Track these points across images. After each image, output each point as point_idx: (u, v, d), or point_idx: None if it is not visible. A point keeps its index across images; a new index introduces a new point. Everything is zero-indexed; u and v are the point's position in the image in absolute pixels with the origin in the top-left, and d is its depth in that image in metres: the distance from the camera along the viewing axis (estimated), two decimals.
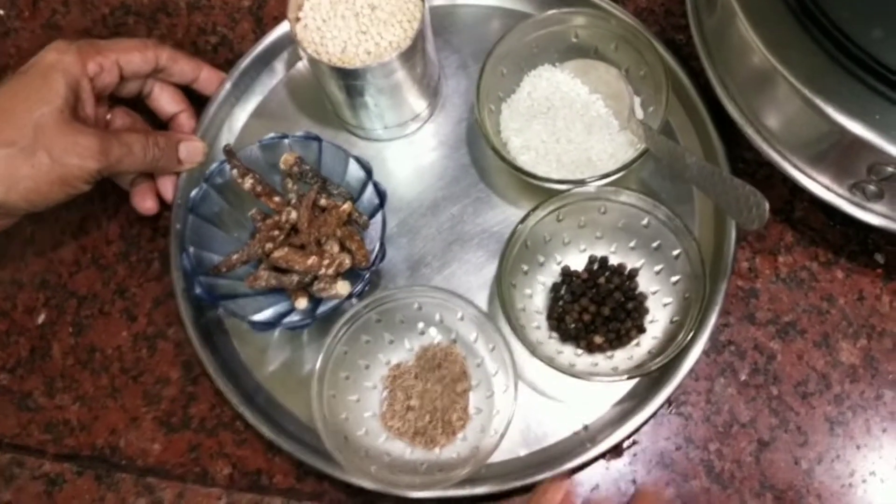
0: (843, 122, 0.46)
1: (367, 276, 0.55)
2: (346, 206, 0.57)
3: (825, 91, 0.47)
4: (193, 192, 0.57)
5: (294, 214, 0.57)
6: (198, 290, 0.55)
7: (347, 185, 0.59)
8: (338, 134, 0.64)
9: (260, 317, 0.56)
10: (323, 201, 0.58)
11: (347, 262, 0.56)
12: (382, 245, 0.56)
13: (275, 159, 0.59)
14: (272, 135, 0.58)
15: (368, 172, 0.58)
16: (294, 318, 0.57)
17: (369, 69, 0.54)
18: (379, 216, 0.57)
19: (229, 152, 0.57)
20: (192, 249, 0.56)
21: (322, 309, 0.56)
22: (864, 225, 0.51)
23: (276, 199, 0.58)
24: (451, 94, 0.65)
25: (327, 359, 0.54)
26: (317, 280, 0.56)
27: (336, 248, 0.57)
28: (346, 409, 0.55)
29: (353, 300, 0.56)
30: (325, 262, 0.55)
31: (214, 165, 0.58)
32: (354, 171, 0.58)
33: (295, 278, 0.56)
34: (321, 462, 0.55)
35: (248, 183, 0.57)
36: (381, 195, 0.57)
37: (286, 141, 0.58)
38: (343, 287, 0.56)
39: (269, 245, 0.56)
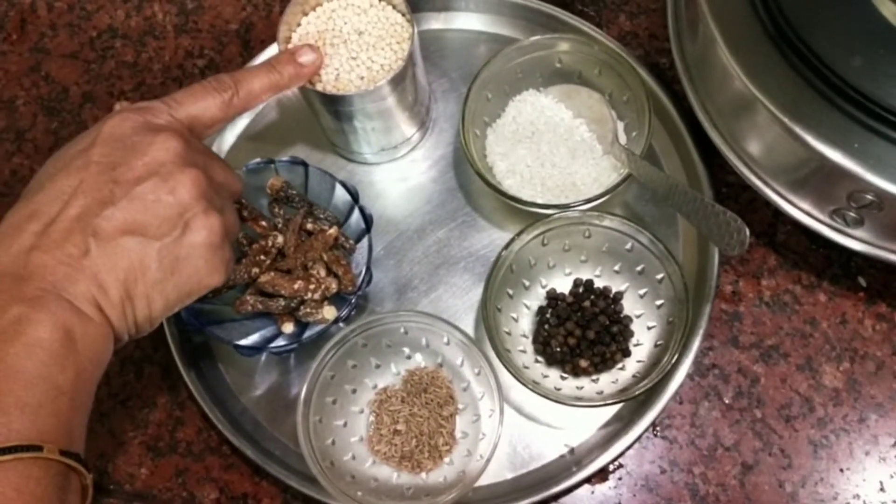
0: (822, 151, 0.47)
1: (354, 300, 0.56)
2: (333, 230, 0.57)
3: (804, 119, 0.47)
4: None
5: (280, 239, 0.57)
6: (184, 315, 0.55)
7: (334, 209, 0.59)
8: (327, 156, 0.65)
9: (246, 341, 0.56)
10: (309, 225, 0.58)
11: (334, 286, 0.56)
12: (369, 269, 0.56)
13: (261, 183, 0.59)
14: (258, 160, 0.59)
15: (355, 197, 0.58)
16: (280, 342, 0.57)
17: (363, 94, 0.55)
18: (365, 241, 0.57)
19: None
20: None
21: (308, 333, 0.57)
22: (846, 249, 0.52)
23: (263, 223, 0.58)
24: (439, 117, 0.65)
25: (314, 383, 0.54)
26: (303, 304, 0.57)
27: (322, 273, 0.57)
28: (332, 434, 0.55)
29: (340, 324, 0.56)
30: (312, 286, 0.56)
31: None
32: (341, 196, 0.59)
33: (281, 303, 0.56)
34: (308, 486, 0.55)
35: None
36: (368, 220, 0.57)
37: (272, 166, 0.59)
38: (329, 312, 0.56)
39: (255, 270, 0.57)
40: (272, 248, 0.57)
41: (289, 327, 0.57)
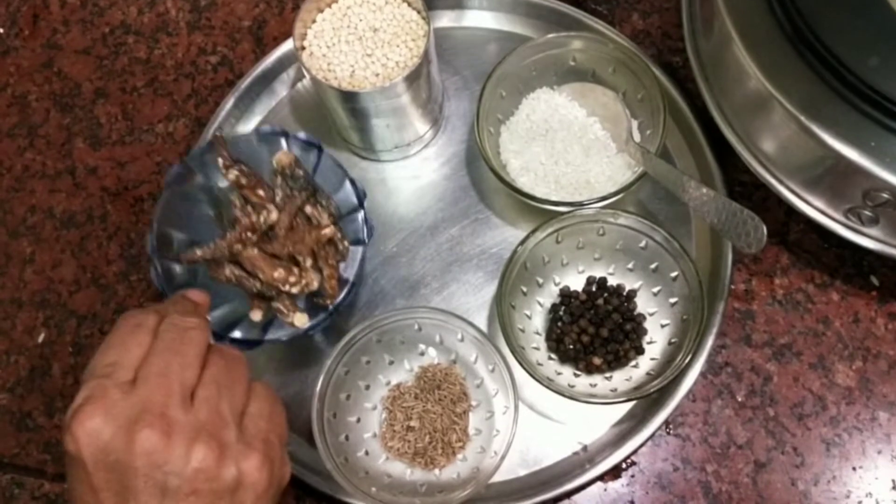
0: (838, 149, 0.47)
1: (329, 313, 0.53)
2: (329, 230, 0.54)
3: (821, 118, 0.47)
4: (172, 168, 0.55)
5: (274, 216, 0.53)
6: (152, 274, 0.52)
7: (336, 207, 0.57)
8: (339, 153, 0.64)
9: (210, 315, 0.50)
10: (308, 209, 0.55)
11: (315, 284, 0.53)
12: (355, 284, 0.54)
13: (269, 153, 0.55)
14: (271, 127, 0.56)
15: (360, 201, 0.55)
16: (239, 333, 0.54)
17: (378, 91, 0.55)
18: (360, 251, 0.54)
19: (219, 140, 0.54)
20: (156, 226, 0.53)
21: (271, 336, 0.54)
22: (860, 248, 0.52)
23: (261, 192, 0.54)
24: (451, 115, 0.65)
25: (328, 379, 0.54)
26: (279, 298, 0.54)
27: (309, 263, 0.54)
28: (346, 430, 0.55)
29: (315, 334, 0.54)
30: (292, 278, 0.52)
31: (200, 147, 0.55)
32: (347, 195, 0.55)
33: (257, 284, 0.53)
34: (321, 483, 0.55)
35: (232, 175, 0.54)
36: (369, 229, 0.54)
37: (284, 139, 0.55)
38: (300, 319, 0.54)
39: (238, 247, 0.53)
40: (262, 224, 0.53)
41: (257, 315, 0.54)
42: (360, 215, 0.55)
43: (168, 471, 0.38)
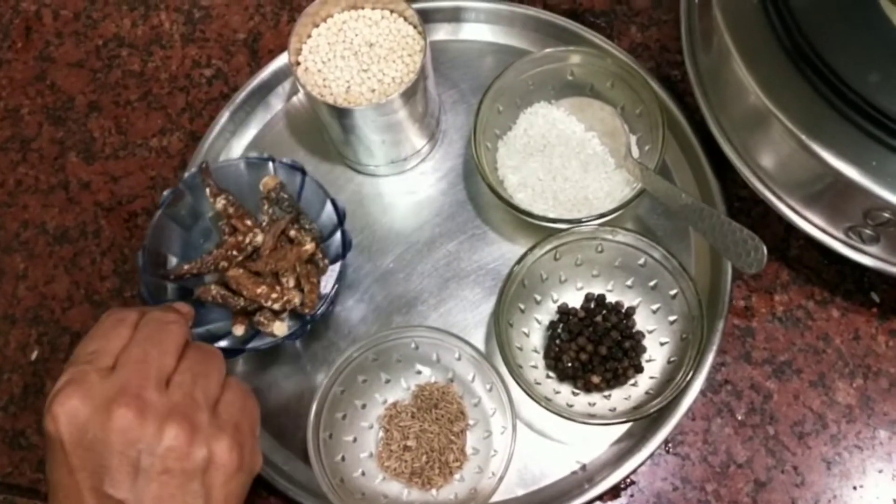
0: (838, 168, 0.46)
1: (305, 322, 0.55)
2: (309, 246, 0.56)
3: (821, 136, 0.47)
4: (167, 192, 0.57)
5: (259, 238, 0.56)
6: (143, 290, 0.54)
7: (321, 225, 0.58)
8: (335, 167, 0.64)
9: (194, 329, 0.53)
10: (292, 232, 0.57)
11: (297, 300, 0.55)
12: (333, 297, 0.56)
13: (258, 180, 0.58)
14: (258, 154, 0.58)
15: (341, 219, 0.57)
16: (223, 343, 0.55)
17: (374, 108, 0.54)
18: (338, 265, 0.57)
19: (205, 170, 0.56)
20: (147, 246, 0.55)
21: (254, 344, 0.56)
22: (860, 265, 0.51)
23: (248, 222, 0.57)
24: (448, 129, 0.65)
25: (323, 398, 0.54)
26: (260, 311, 0.56)
27: (291, 284, 0.56)
28: (342, 450, 0.55)
29: (297, 344, 0.56)
30: (274, 295, 0.55)
31: (192, 172, 0.58)
32: (329, 213, 0.57)
33: (241, 302, 0.55)
34: (317, 503, 0.55)
35: (220, 203, 0.57)
36: (347, 245, 0.56)
37: (272, 164, 0.58)
38: (279, 328, 0.55)
39: (223, 264, 0.56)
40: (248, 245, 0.56)
41: (240, 329, 0.56)
42: (339, 232, 0.57)
43: (141, 448, 0.40)
